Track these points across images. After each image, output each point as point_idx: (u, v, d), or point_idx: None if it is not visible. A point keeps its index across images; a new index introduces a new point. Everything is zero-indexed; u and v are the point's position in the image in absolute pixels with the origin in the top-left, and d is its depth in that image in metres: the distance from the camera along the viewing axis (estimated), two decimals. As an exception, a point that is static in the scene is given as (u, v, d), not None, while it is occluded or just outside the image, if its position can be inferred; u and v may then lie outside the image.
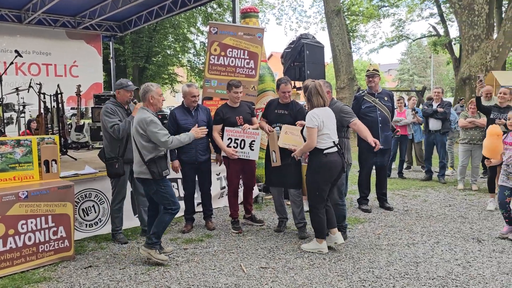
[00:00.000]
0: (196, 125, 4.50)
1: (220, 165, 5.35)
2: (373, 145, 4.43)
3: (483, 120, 6.93)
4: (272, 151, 4.81)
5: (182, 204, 5.25)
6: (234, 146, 4.95)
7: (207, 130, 4.49)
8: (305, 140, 4.34)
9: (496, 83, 12.44)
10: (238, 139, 4.96)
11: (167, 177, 4.15)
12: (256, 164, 5.45)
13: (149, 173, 3.99)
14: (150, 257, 4.05)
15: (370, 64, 6.25)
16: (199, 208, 5.52)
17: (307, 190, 4.43)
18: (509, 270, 3.81)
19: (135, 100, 4.72)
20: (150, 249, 4.05)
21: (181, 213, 5.25)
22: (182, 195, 5.71)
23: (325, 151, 4.18)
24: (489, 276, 3.69)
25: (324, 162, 4.19)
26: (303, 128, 4.46)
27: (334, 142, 4.25)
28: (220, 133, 5.10)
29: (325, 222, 4.34)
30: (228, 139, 4.97)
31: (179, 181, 5.77)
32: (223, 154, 5.11)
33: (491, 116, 5.81)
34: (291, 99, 5.03)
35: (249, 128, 4.96)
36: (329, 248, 4.38)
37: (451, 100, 14.42)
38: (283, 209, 5.17)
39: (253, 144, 4.95)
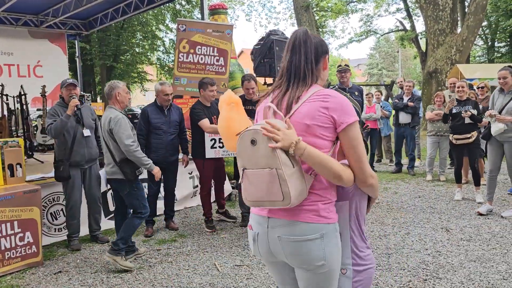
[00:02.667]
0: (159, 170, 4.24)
1: (185, 166, 5.26)
2: None
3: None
4: None
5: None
6: (219, 146, 4.86)
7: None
8: None
9: (461, 76, 12.80)
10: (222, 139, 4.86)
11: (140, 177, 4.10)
12: (226, 162, 5.42)
13: (121, 174, 3.91)
14: (116, 264, 3.87)
15: (342, 60, 6.30)
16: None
17: None
18: (476, 258, 3.93)
19: (74, 95, 4.46)
20: (115, 256, 3.87)
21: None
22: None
23: None
24: (457, 264, 3.80)
25: None
26: None
27: None
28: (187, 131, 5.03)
29: None
30: (211, 140, 4.84)
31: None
32: (190, 155, 5.06)
33: (454, 111, 5.97)
34: (257, 95, 5.06)
35: None
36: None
37: (419, 93, 14.75)
38: None
39: None
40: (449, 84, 7.75)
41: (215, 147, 4.84)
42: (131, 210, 4.08)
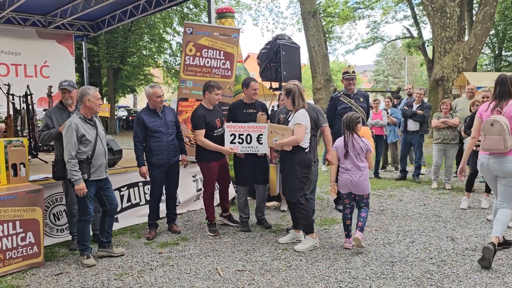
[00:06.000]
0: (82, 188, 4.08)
1: (185, 166, 5.25)
2: (325, 161, 5.02)
3: (455, 120, 7.09)
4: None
5: (146, 208, 5.18)
6: (239, 142, 4.87)
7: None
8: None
9: (468, 84, 12.73)
10: (243, 134, 4.86)
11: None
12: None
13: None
14: (78, 262, 4.18)
15: (349, 66, 6.22)
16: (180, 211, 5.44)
17: (289, 188, 4.47)
18: (481, 268, 3.87)
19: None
20: (80, 256, 4.18)
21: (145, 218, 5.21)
22: (142, 200, 5.63)
23: (306, 150, 4.42)
24: (462, 274, 3.74)
25: (307, 159, 4.45)
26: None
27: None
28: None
29: (311, 216, 4.60)
30: (231, 135, 4.86)
31: (140, 185, 5.64)
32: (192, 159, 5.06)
33: None
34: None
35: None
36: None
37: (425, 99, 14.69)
38: (248, 208, 5.26)
39: (261, 137, 4.87)
40: (467, 90, 7.70)
41: (234, 143, 4.88)
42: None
